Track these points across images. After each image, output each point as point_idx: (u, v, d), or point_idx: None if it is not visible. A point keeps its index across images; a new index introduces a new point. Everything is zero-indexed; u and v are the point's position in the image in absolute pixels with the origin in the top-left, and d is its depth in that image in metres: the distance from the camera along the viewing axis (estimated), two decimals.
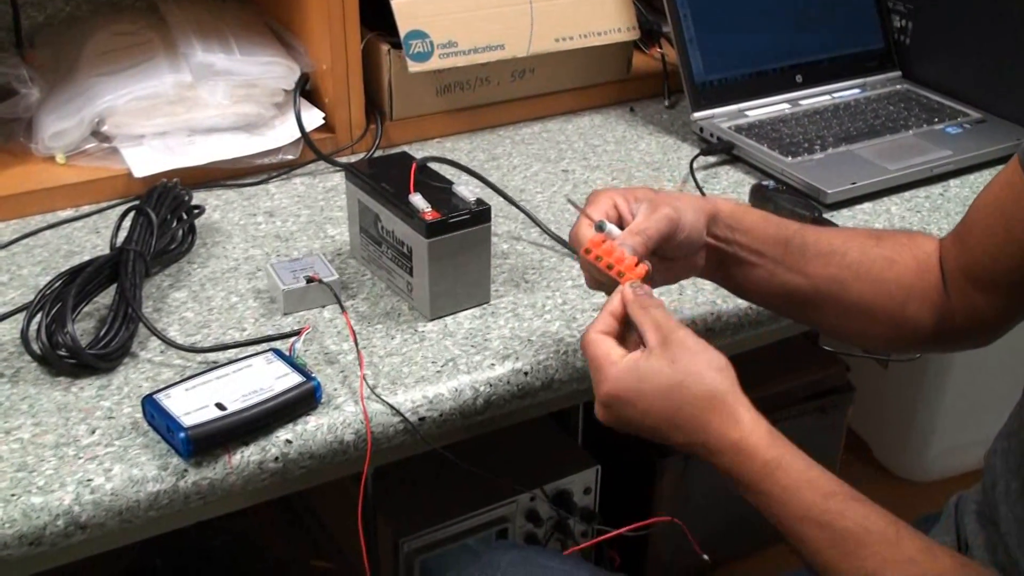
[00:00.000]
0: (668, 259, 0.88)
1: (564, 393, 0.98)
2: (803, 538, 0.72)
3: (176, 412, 0.82)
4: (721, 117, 1.40)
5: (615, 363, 0.77)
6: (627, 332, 0.80)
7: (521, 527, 1.34)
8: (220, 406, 0.83)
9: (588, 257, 0.83)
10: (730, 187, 1.29)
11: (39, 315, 0.91)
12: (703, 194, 1.25)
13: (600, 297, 1.05)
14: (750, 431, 0.74)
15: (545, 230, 1.17)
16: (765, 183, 1.25)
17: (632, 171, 1.32)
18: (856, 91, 1.49)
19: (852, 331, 0.92)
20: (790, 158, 1.30)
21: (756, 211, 0.91)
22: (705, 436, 0.74)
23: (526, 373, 0.95)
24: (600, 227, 0.84)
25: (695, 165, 1.32)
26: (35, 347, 0.90)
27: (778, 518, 0.73)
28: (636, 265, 0.82)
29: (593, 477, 1.37)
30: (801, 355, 1.69)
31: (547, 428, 1.44)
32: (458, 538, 1.29)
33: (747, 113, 1.41)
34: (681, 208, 0.86)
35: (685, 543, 0.88)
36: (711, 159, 1.35)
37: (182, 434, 0.80)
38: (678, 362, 0.75)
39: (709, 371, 0.75)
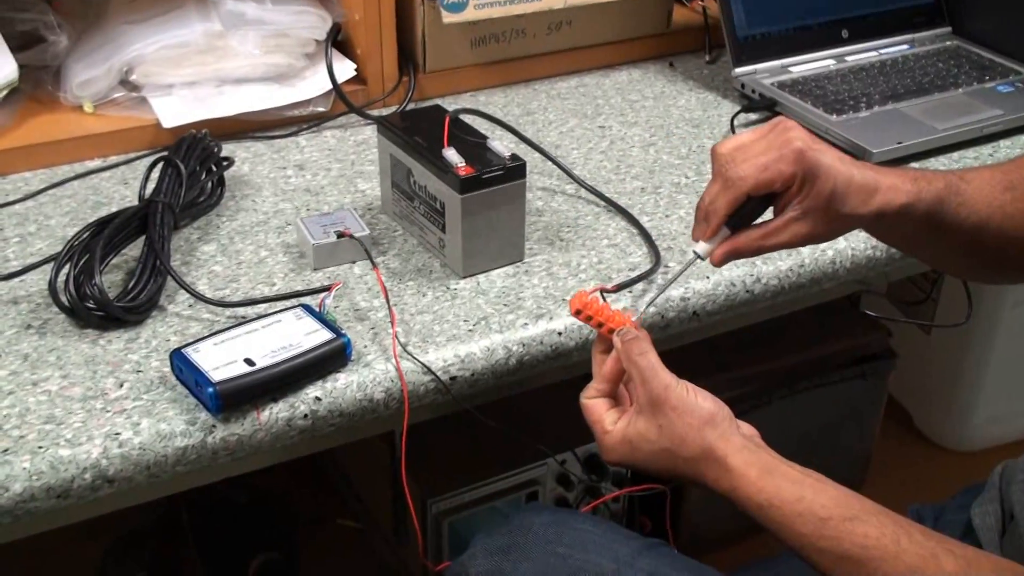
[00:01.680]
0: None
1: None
2: (807, 560, 0.75)
3: (205, 367, 0.82)
4: (763, 73, 1.38)
5: (608, 432, 0.83)
6: (622, 389, 0.86)
7: (552, 490, 1.34)
8: (249, 361, 0.83)
9: (579, 319, 0.86)
10: None
11: (67, 266, 0.92)
12: None
13: (635, 257, 1.04)
14: (740, 478, 0.77)
15: (583, 184, 1.16)
16: None
17: (671, 128, 1.31)
18: (904, 47, 1.47)
19: (974, 278, 0.97)
20: (834, 116, 1.29)
21: (918, 206, 0.86)
22: (703, 484, 0.79)
23: (560, 333, 0.95)
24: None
25: (736, 122, 1.31)
26: (63, 298, 0.91)
27: (783, 543, 0.77)
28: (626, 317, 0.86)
29: None
30: (842, 319, 1.68)
31: (580, 389, 1.44)
32: (487, 500, 1.30)
33: (790, 69, 1.40)
34: (828, 233, 0.85)
35: (719, 510, 0.88)
36: (752, 116, 1.34)
37: (211, 389, 0.81)
38: (664, 428, 0.79)
39: (692, 432, 0.79)
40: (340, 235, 1.01)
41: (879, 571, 0.72)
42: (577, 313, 0.86)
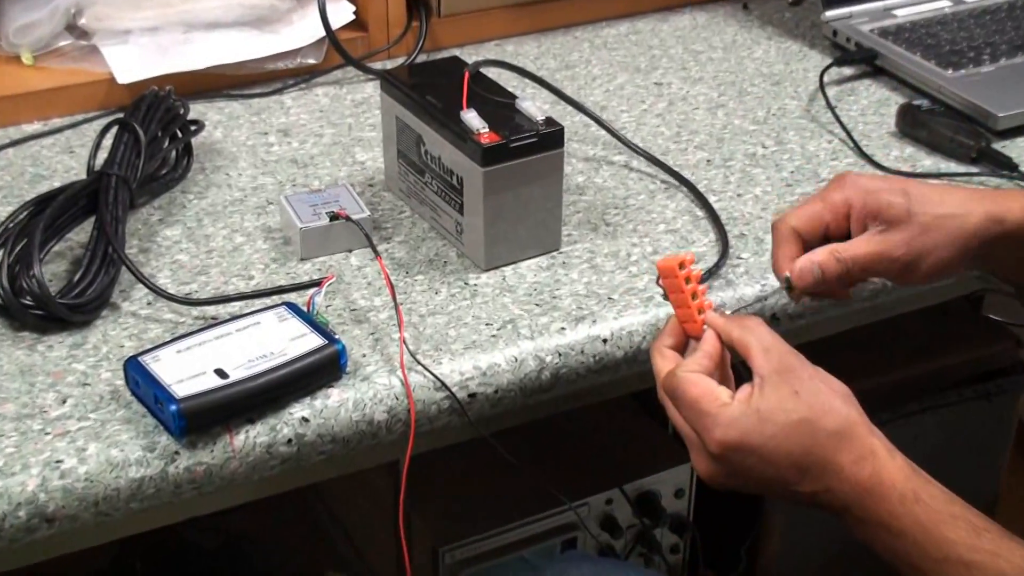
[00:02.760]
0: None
1: (651, 367, 0.97)
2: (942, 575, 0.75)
3: (166, 379, 0.83)
4: (861, 17, 1.38)
5: (727, 404, 0.80)
6: (723, 378, 0.85)
7: (594, 537, 1.35)
8: (221, 373, 0.84)
9: (671, 280, 0.85)
10: (870, 107, 1.27)
11: None
12: (836, 117, 1.24)
13: (701, 246, 1.04)
14: (884, 463, 0.78)
15: (636, 151, 1.17)
16: (917, 103, 1.23)
17: (744, 86, 1.31)
18: None
19: None
20: (950, 71, 1.28)
21: None
22: (833, 478, 0.78)
23: (605, 340, 0.95)
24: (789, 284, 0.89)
25: (826, 79, 1.30)
26: None
27: (915, 561, 0.76)
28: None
29: (687, 476, 1.38)
30: (960, 326, 1.67)
31: (629, 412, 1.44)
32: (513, 548, 1.30)
33: (895, 12, 1.39)
34: (927, 244, 0.87)
35: (800, 562, 0.88)
36: (847, 71, 1.34)
37: (173, 407, 0.81)
38: (803, 394, 0.79)
39: (837, 401, 0.80)
40: (334, 217, 1.01)
41: None
42: (680, 267, 0.84)
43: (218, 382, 0.83)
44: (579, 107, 1.19)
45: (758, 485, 0.80)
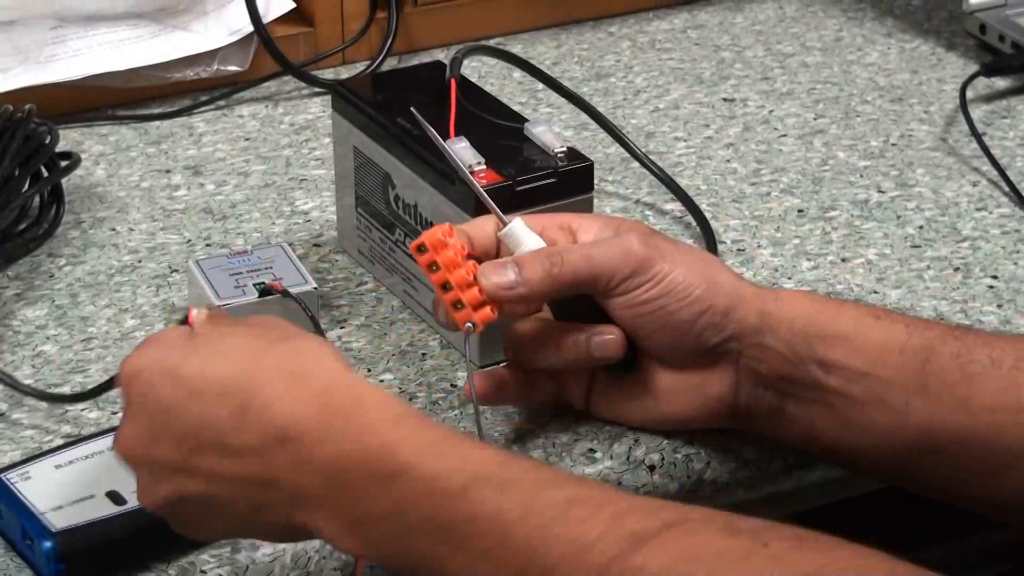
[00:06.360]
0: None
1: (725, 507, 0.96)
2: None
3: (39, 505, 0.85)
4: (1020, 7, 1.42)
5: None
6: None
7: None
8: (115, 497, 0.87)
9: (419, 259, 0.87)
10: None
11: None
12: (985, 149, 1.27)
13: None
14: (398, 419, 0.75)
15: (689, 205, 1.19)
16: None
17: (852, 104, 1.35)
18: None
19: (978, 493, 0.95)
20: None
21: (863, 308, 0.93)
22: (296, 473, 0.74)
23: (652, 468, 0.97)
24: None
25: (970, 93, 1.33)
26: None
27: None
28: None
29: None
30: None
31: None
32: None
33: None
34: (686, 276, 0.90)
35: None
36: (1001, 83, 1.37)
37: (48, 543, 0.83)
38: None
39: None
40: (265, 291, 1.04)
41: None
42: (419, 250, 0.87)
43: (112, 510, 0.86)
44: (615, 134, 1.22)
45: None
